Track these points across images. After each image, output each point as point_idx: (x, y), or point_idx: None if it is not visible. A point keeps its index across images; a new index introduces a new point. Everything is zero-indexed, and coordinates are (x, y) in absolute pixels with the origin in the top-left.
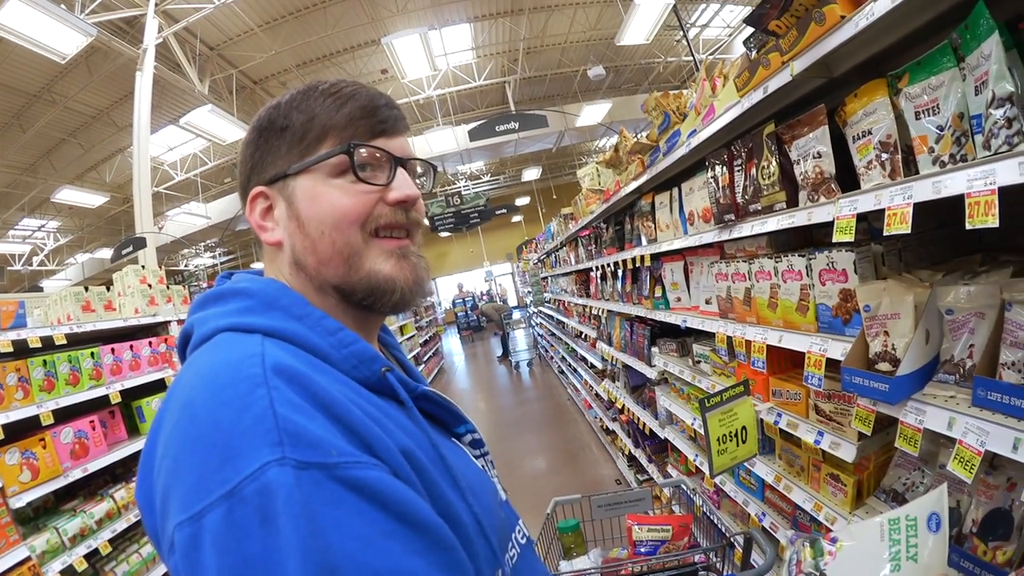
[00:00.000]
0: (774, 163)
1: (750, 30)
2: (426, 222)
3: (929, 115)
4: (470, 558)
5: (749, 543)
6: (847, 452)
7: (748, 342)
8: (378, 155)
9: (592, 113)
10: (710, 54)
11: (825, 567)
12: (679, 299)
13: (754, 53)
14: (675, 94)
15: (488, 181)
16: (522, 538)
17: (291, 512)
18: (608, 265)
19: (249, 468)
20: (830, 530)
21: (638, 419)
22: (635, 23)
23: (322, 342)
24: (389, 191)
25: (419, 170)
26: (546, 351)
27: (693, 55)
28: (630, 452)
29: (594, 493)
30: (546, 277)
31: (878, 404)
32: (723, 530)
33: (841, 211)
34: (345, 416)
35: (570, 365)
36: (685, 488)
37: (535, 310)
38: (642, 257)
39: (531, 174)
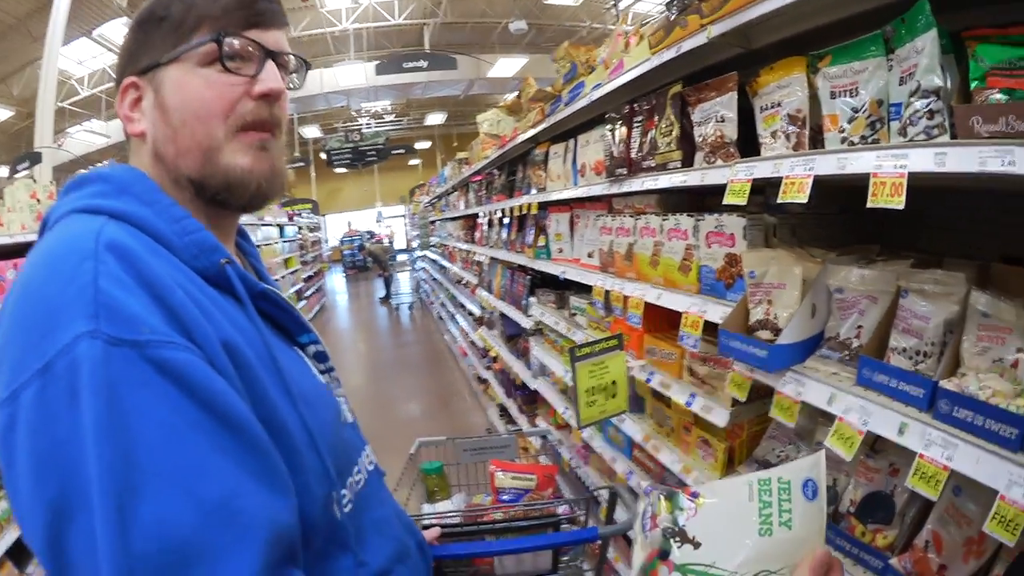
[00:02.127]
0: (675, 123)
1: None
2: (323, 156)
3: (846, 96)
4: (295, 470)
5: (614, 498)
6: (719, 417)
7: (626, 297)
8: (249, 47)
9: (506, 66)
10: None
11: (685, 523)
12: (561, 250)
13: (673, 15)
14: (587, 47)
15: (391, 122)
16: (369, 465)
17: (94, 389)
18: (496, 212)
19: (63, 340)
20: (688, 485)
21: (511, 368)
22: None
23: (166, 228)
24: (255, 83)
25: (292, 66)
26: (427, 296)
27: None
28: (501, 402)
29: (460, 436)
30: (434, 221)
31: (755, 371)
32: (588, 485)
33: (737, 175)
34: (168, 297)
35: (449, 311)
36: (551, 439)
37: (421, 254)
38: (530, 205)
39: (435, 119)
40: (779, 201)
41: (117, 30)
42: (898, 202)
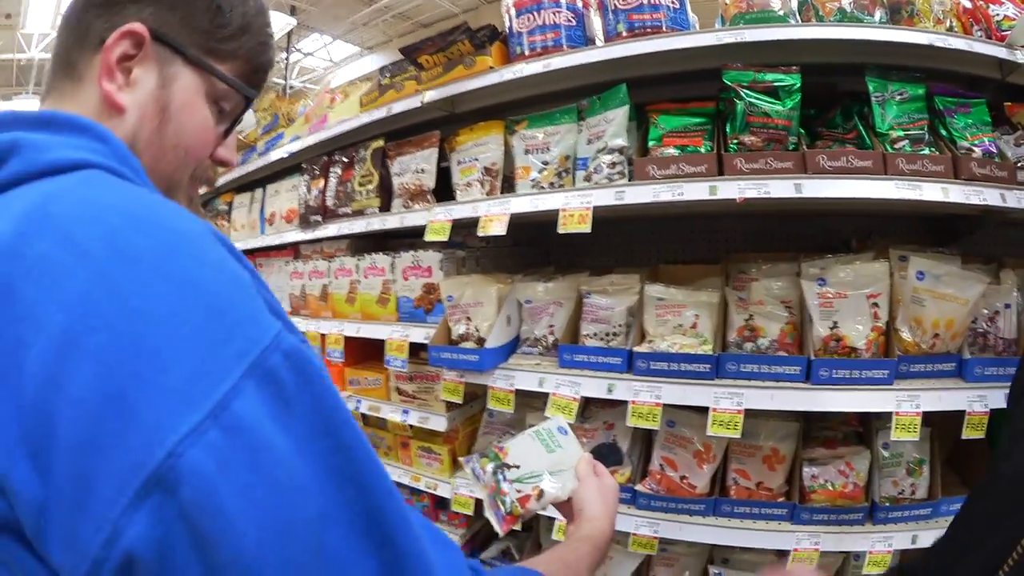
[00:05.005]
0: (375, 173)
1: (352, 67)
2: None
3: (538, 153)
4: None
5: None
6: (438, 423)
7: (323, 335)
8: (240, 111)
9: None
10: (302, 81)
11: (504, 460)
12: None
13: (386, 79)
14: (291, 99)
15: None
16: None
17: (323, 387)
18: None
19: (268, 334)
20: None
21: None
22: None
23: None
24: (220, 144)
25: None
26: None
27: (286, 77)
28: None
29: None
30: None
31: (466, 375)
32: None
33: (436, 216)
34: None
35: None
36: None
37: None
38: None
39: None
40: (480, 234)
41: None
42: (585, 228)
